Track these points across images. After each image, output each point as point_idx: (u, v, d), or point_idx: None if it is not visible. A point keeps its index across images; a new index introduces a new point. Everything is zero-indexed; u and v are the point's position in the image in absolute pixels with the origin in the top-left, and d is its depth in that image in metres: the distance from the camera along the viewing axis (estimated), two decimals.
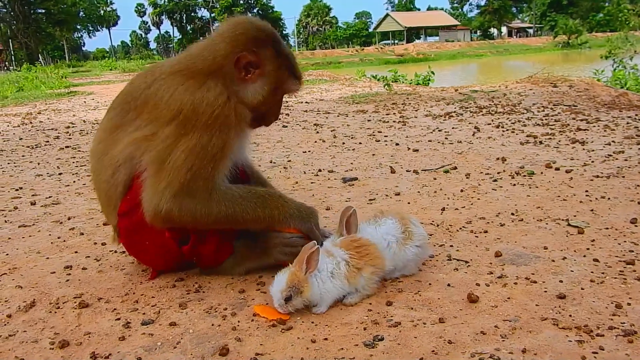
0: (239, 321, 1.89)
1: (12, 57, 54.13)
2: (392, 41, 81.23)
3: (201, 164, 1.97)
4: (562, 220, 2.74)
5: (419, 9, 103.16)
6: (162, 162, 1.98)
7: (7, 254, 2.68)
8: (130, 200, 2.11)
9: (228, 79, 2.08)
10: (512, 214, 2.89)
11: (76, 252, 2.67)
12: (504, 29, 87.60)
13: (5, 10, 57.70)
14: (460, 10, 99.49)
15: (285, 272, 1.90)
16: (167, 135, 1.99)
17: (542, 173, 3.71)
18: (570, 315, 1.79)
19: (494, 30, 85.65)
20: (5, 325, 1.95)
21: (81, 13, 75.59)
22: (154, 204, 1.98)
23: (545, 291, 1.98)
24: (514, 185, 3.45)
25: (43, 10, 58.64)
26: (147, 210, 2.01)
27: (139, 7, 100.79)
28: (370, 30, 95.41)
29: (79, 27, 77.47)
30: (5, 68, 43.38)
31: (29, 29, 55.96)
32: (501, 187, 3.43)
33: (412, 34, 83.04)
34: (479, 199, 3.20)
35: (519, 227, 2.69)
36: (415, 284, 2.10)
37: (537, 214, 2.86)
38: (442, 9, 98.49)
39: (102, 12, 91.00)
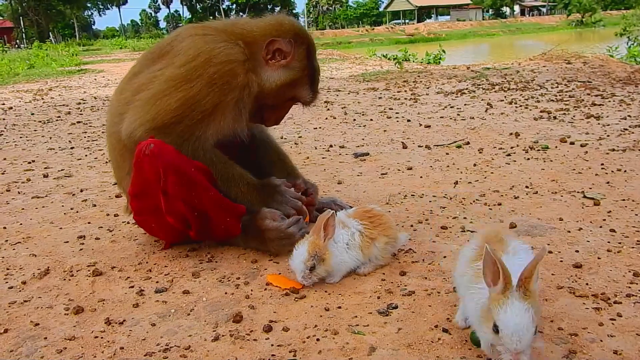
0: (252, 290, 1.88)
1: (24, 34, 54.13)
2: (403, 21, 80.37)
3: (190, 112, 2.01)
4: (578, 192, 2.71)
5: None
6: (155, 97, 2.02)
7: (20, 224, 2.70)
8: (139, 183, 2.09)
9: (253, 53, 2.12)
10: (527, 187, 2.85)
11: (89, 222, 2.68)
12: (516, 8, 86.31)
13: None
14: None
15: (304, 243, 1.87)
16: (173, 76, 2.02)
17: (556, 147, 3.66)
18: (587, 284, 1.78)
19: (506, 9, 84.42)
20: (20, 291, 1.96)
21: None
22: (131, 129, 2.04)
23: (561, 261, 1.96)
24: (528, 159, 3.41)
25: None
26: (124, 132, 2.07)
27: None
28: (381, 9, 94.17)
29: (89, 5, 77.18)
30: (17, 46, 43.46)
31: (39, 6, 55.89)
32: (515, 161, 3.39)
33: (423, 13, 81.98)
34: (492, 172, 3.17)
35: (534, 199, 2.66)
36: (429, 255, 2.08)
37: (551, 187, 2.82)
38: None
39: None
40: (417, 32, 53.98)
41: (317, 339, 1.55)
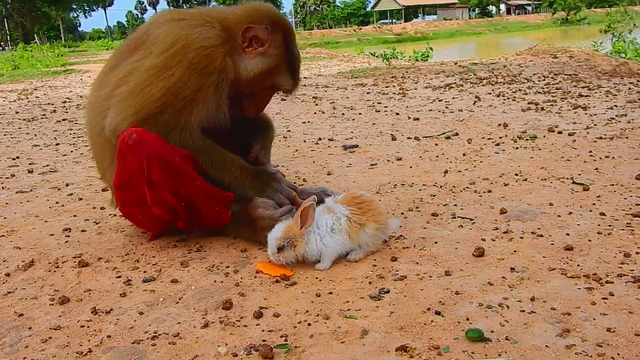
0: (241, 278, 1.86)
1: (8, 36, 53.55)
2: (390, 20, 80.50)
3: (172, 101, 1.97)
4: (567, 179, 2.70)
5: None
6: (137, 89, 1.97)
7: (4, 218, 2.65)
8: (123, 174, 2.05)
9: (230, 40, 2.08)
10: (516, 174, 2.85)
11: (75, 215, 2.64)
12: (502, 7, 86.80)
13: None
14: None
15: (285, 223, 1.90)
16: (152, 65, 1.98)
17: (544, 137, 3.66)
18: (578, 265, 1.77)
19: (492, 8, 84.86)
20: (3, 283, 1.92)
21: None
22: (115, 124, 1.99)
23: (552, 244, 1.95)
24: (517, 148, 3.41)
25: None
26: (108, 127, 2.02)
27: None
28: (368, 9, 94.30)
29: (74, 6, 76.36)
30: (1, 48, 42.95)
31: (24, 7, 55.27)
32: (504, 150, 3.39)
33: (410, 12, 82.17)
34: (481, 162, 3.16)
35: (523, 186, 2.66)
36: (420, 241, 2.07)
37: (541, 174, 2.82)
38: None
39: None
40: (404, 31, 54.07)
41: (309, 324, 1.53)
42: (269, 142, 2.52)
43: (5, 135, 5.17)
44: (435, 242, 2.04)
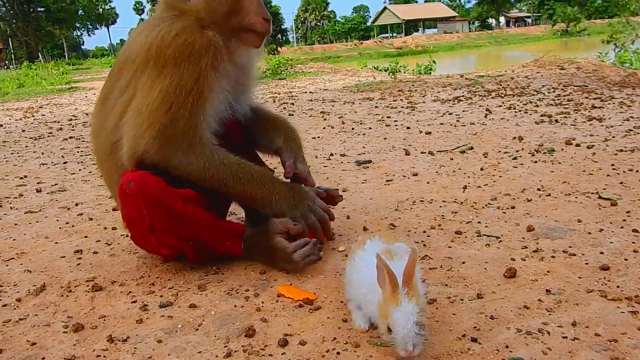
0: (262, 302, 1.77)
1: (12, 55, 53.97)
2: (391, 34, 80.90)
3: (179, 102, 1.86)
4: (592, 193, 2.62)
5: (416, 2, 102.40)
6: (141, 107, 1.88)
7: (14, 239, 2.57)
8: (127, 215, 1.98)
9: (178, 7, 1.98)
10: (538, 189, 2.77)
11: (86, 236, 2.56)
12: (502, 19, 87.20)
13: (5, 9, 57.51)
14: (458, 1, 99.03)
15: (392, 306, 1.31)
16: (144, 83, 1.90)
17: (562, 150, 3.59)
18: (618, 287, 1.68)
19: (492, 21, 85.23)
20: (15, 309, 1.84)
21: (80, 11, 75.22)
22: (133, 145, 1.88)
23: (587, 263, 1.87)
24: (536, 162, 3.33)
25: (42, 9, 58.42)
26: (126, 153, 1.91)
27: (137, 5, 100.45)
28: (369, 23, 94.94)
29: (78, 25, 77.11)
30: (5, 67, 43.23)
31: (28, 27, 55.79)
32: (522, 164, 3.31)
33: (411, 26, 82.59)
34: (500, 176, 3.08)
35: (547, 201, 2.57)
36: (447, 261, 1.98)
37: (564, 189, 2.74)
38: (439, 1, 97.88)
39: (100, 10, 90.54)
40: (405, 45, 54.32)
41: (338, 353, 1.45)
42: (300, 149, 2.34)
43: (12, 153, 5.12)
44: (463, 262, 1.96)
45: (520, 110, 5.39)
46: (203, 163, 1.90)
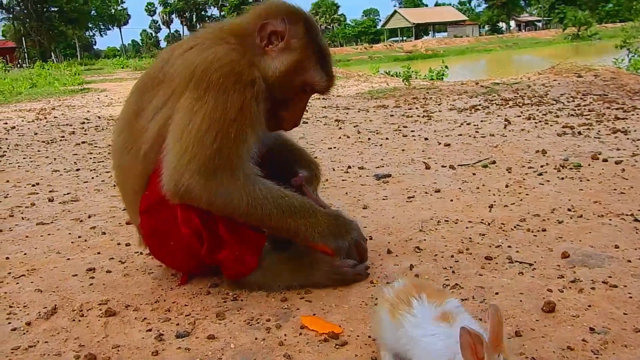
0: (285, 335, 1.67)
1: (26, 54, 54.37)
2: (401, 38, 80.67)
3: (223, 131, 1.75)
4: (627, 215, 2.50)
5: (426, 5, 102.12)
6: (182, 133, 1.77)
7: (25, 254, 2.49)
8: (151, 196, 1.92)
9: (248, 46, 1.88)
10: (569, 209, 2.65)
11: (99, 253, 2.48)
12: (512, 23, 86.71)
13: (19, 8, 57.96)
14: (468, 5, 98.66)
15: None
16: (182, 105, 1.80)
17: (589, 165, 3.46)
18: None
19: (502, 25, 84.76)
20: (24, 334, 1.76)
21: (93, 12, 75.59)
22: (175, 179, 1.77)
23: (630, 297, 1.75)
24: (562, 178, 3.21)
25: (56, 9, 58.84)
26: (166, 185, 1.80)
27: (150, 6, 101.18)
28: (379, 27, 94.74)
29: (90, 25, 77.53)
30: (19, 65, 43.52)
31: (42, 26, 56.22)
32: (548, 181, 3.19)
33: (421, 30, 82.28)
34: (527, 194, 2.97)
35: (580, 224, 2.46)
36: (479, 291, 1.87)
37: (596, 209, 2.62)
38: (449, 5, 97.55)
39: (113, 11, 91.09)
40: (415, 48, 54.08)
41: None
42: (317, 181, 2.29)
43: (24, 158, 5.06)
44: (496, 293, 1.85)
45: (540, 121, 5.26)
46: (247, 199, 1.80)
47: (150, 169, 1.92)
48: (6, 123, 8.01)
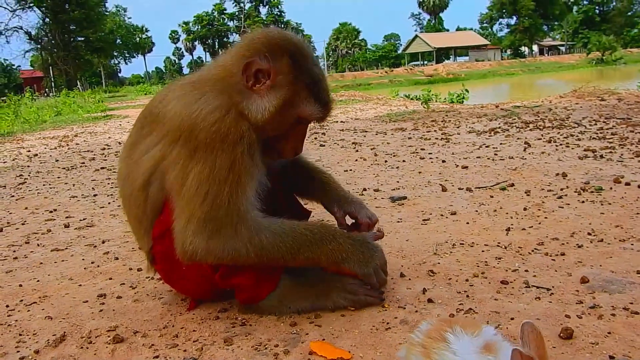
0: None
1: (52, 83, 55.78)
2: (422, 62, 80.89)
3: (215, 190, 1.71)
4: None
5: (447, 30, 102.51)
6: (179, 191, 1.77)
7: (38, 281, 2.50)
8: (164, 222, 1.89)
9: (234, 89, 1.81)
10: (589, 233, 2.58)
11: (110, 278, 2.47)
12: (535, 47, 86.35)
13: (47, 39, 59.67)
14: (489, 29, 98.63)
15: None
16: (176, 157, 1.78)
17: (611, 189, 3.38)
18: None
19: (525, 49, 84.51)
20: None
21: (118, 40, 77.48)
22: (180, 242, 1.77)
23: None
24: (583, 202, 3.13)
25: (82, 38, 60.32)
26: (177, 246, 1.79)
27: (173, 34, 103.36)
28: (399, 51, 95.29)
29: (115, 54, 79.37)
30: (45, 94, 44.61)
31: (68, 56, 57.70)
32: (568, 204, 3.11)
33: (442, 54, 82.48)
34: (546, 217, 2.90)
35: (600, 248, 2.38)
36: (494, 316, 1.81)
37: (617, 234, 2.54)
38: (471, 29, 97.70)
39: (137, 39, 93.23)
40: (435, 72, 54.14)
41: None
42: (338, 187, 2.34)
43: (44, 185, 5.13)
44: (512, 319, 1.79)
45: (561, 144, 5.18)
46: (254, 250, 1.77)
47: (150, 200, 1.92)
48: (29, 151, 8.18)
